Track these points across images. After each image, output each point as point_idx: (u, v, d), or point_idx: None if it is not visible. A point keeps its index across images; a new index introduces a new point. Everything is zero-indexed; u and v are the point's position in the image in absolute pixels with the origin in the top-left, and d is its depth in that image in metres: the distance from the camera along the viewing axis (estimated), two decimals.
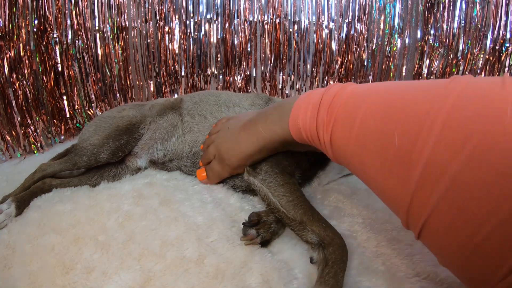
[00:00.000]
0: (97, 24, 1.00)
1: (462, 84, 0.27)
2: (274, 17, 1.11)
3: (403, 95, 0.31)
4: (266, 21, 1.12)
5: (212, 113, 0.69)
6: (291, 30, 1.12)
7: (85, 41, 0.97)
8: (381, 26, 1.07)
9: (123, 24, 1.05)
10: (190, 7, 1.09)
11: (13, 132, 0.84)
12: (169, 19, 1.09)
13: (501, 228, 0.22)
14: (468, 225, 0.24)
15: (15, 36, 0.82)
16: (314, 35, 1.12)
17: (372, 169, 0.33)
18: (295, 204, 0.49)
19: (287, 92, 1.18)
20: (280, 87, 1.17)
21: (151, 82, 1.14)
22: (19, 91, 0.83)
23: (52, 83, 0.92)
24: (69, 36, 0.94)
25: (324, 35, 1.11)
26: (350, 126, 0.34)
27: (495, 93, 0.24)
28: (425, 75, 1.02)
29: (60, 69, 0.93)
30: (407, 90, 0.32)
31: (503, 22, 0.88)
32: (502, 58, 0.89)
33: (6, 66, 0.80)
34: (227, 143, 0.54)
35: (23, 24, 0.84)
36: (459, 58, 0.95)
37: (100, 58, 1.02)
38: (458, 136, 0.24)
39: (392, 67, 1.08)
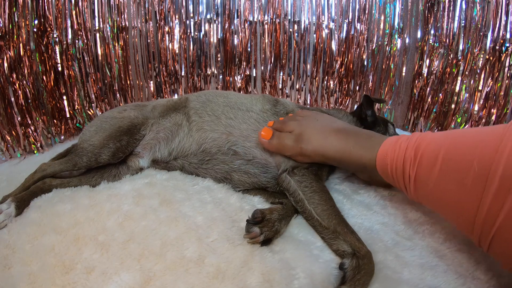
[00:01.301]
0: (97, 24, 1.00)
1: None
2: (274, 17, 1.11)
3: (474, 136, 0.41)
4: (266, 21, 1.12)
5: (225, 113, 0.68)
6: (291, 30, 1.12)
7: (85, 41, 0.97)
8: (381, 26, 1.07)
9: (123, 24, 1.05)
10: (190, 7, 1.09)
11: (13, 132, 0.84)
12: (169, 19, 1.09)
13: None
14: None
15: (15, 36, 0.82)
16: (314, 35, 1.12)
17: (451, 194, 0.40)
18: (330, 213, 0.51)
19: (287, 92, 1.18)
20: (280, 87, 1.17)
21: (151, 82, 1.14)
22: (19, 91, 0.83)
23: (52, 83, 0.92)
24: (69, 36, 0.94)
25: (324, 35, 1.11)
26: (434, 161, 0.42)
27: None
28: (425, 75, 1.02)
29: (60, 69, 0.93)
30: (475, 133, 0.42)
31: (503, 22, 0.88)
32: (502, 58, 0.89)
33: (6, 66, 0.80)
34: (315, 132, 0.58)
35: (23, 24, 0.83)
36: (459, 58, 0.95)
37: (100, 58, 1.02)
38: None
39: (392, 67, 1.08)
